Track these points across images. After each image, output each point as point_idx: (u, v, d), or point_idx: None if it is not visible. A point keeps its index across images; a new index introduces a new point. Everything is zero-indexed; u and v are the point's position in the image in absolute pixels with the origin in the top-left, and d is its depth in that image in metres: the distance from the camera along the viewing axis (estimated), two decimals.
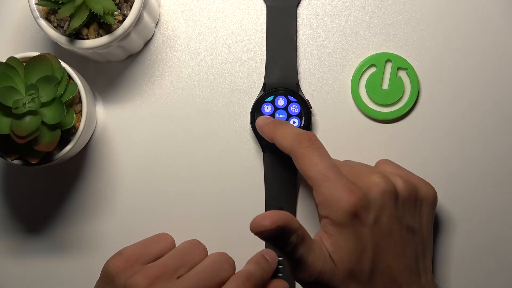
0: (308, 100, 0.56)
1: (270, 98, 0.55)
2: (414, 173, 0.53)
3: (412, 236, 0.49)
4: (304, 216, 0.57)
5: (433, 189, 0.52)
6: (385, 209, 0.48)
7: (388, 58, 0.57)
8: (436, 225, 0.57)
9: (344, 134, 0.57)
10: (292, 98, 0.55)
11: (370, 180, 0.48)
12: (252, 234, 0.57)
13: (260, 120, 0.55)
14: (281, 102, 0.56)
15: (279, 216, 0.45)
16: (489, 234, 0.57)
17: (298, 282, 0.48)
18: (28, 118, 0.49)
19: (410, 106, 0.57)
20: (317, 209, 0.48)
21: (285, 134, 0.51)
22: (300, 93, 0.56)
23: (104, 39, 0.51)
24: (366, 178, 0.48)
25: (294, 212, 0.57)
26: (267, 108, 0.56)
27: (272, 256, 0.55)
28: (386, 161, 0.54)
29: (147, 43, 0.58)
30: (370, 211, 0.47)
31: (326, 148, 0.56)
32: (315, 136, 0.50)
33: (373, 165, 0.54)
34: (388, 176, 0.49)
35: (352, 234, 0.47)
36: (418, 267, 0.49)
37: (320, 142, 0.50)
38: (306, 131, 0.51)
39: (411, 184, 0.50)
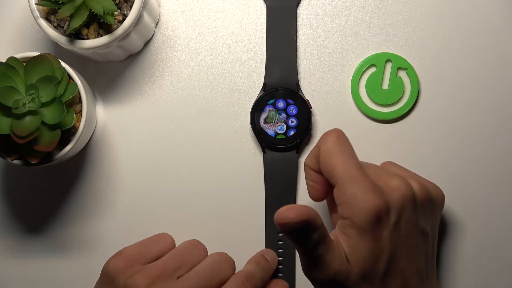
0: (308, 100, 0.56)
1: (271, 101, 0.55)
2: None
3: (425, 239, 0.49)
4: None
5: (442, 192, 0.52)
6: (404, 213, 0.47)
7: (388, 58, 0.57)
8: None
9: None
10: (291, 101, 0.55)
11: (391, 184, 0.47)
12: (252, 234, 0.57)
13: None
14: (281, 104, 0.56)
15: (305, 210, 0.44)
16: (489, 234, 0.57)
17: (311, 280, 0.47)
18: (28, 118, 0.49)
19: (410, 106, 0.57)
20: (338, 208, 0.47)
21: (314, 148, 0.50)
22: (300, 93, 0.56)
23: (104, 39, 0.51)
24: (387, 181, 0.48)
25: None
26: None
27: (272, 256, 0.55)
28: (390, 163, 0.54)
29: (147, 43, 0.58)
30: (391, 215, 0.46)
31: None
32: (342, 132, 0.49)
33: None
34: (407, 180, 0.48)
35: (372, 237, 0.46)
36: (426, 270, 0.49)
37: (347, 139, 0.49)
38: (333, 128, 0.50)
39: (426, 188, 0.50)
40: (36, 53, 0.51)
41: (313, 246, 0.45)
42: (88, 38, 0.52)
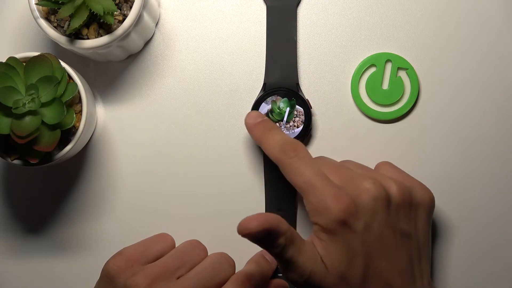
0: (308, 100, 0.56)
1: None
2: (413, 173, 0.53)
3: (407, 241, 0.49)
4: (304, 216, 0.57)
5: (430, 192, 0.52)
6: (376, 215, 0.48)
7: (388, 58, 0.57)
8: (435, 225, 0.57)
9: (344, 134, 0.57)
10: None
11: (361, 186, 0.48)
12: None
13: (249, 118, 0.54)
14: (281, 104, 0.56)
15: (265, 219, 0.45)
16: (489, 234, 0.57)
17: (290, 282, 0.48)
18: (28, 118, 0.49)
19: (410, 106, 0.57)
20: (308, 215, 0.48)
21: (271, 142, 0.51)
22: (300, 93, 0.56)
23: (104, 39, 0.51)
24: (358, 184, 0.48)
25: (294, 212, 0.57)
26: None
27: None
28: (386, 164, 0.54)
29: (147, 43, 0.58)
30: (359, 217, 0.47)
31: (326, 148, 0.57)
32: (301, 145, 0.50)
33: (373, 165, 0.54)
34: (380, 182, 0.49)
35: (342, 240, 0.47)
36: (413, 272, 0.49)
37: (306, 151, 0.50)
38: (292, 139, 0.51)
39: (405, 189, 0.50)
40: (36, 53, 0.51)
41: (281, 250, 0.46)
42: (88, 38, 0.52)
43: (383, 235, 0.48)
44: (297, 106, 0.55)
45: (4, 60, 0.50)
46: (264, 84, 0.56)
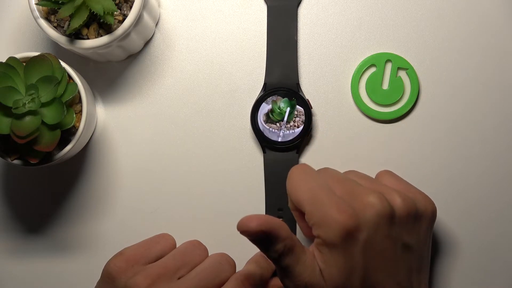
0: (308, 100, 0.56)
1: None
2: (413, 173, 0.53)
3: (407, 253, 0.49)
4: None
5: (432, 203, 0.51)
6: (379, 229, 0.47)
7: (388, 58, 0.57)
8: (434, 225, 0.57)
9: (344, 134, 0.57)
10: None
11: (366, 201, 0.47)
12: None
13: None
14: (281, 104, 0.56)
15: (266, 221, 0.45)
16: (489, 234, 0.57)
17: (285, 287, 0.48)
18: (28, 118, 0.49)
19: (410, 106, 0.57)
20: (312, 229, 0.48)
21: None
22: (300, 93, 0.56)
23: (104, 39, 0.51)
24: (362, 198, 0.47)
25: None
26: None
27: None
28: (387, 173, 0.53)
29: (147, 43, 0.58)
30: (363, 232, 0.46)
31: (326, 148, 0.56)
32: (304, 164, 0.51)
33: (373, 166, 0.54)
34: (385, 196, 0.48)
35: (343, 254, 0.46)
36: (411, 282, 0.49)
37: (309, 167, 0.50)
38: (295, 165, 0.51)
39: (409, 201, 0.49)
40: (36, 53, 0.51)
41: (278, 257, 0.46)
42: (88, 38, 0.52)
43: (384, 249, 0.47)
44: (297, 106, 0.55)
45: (4, 60, 0.50)
46: (265, 84, 0.56)
